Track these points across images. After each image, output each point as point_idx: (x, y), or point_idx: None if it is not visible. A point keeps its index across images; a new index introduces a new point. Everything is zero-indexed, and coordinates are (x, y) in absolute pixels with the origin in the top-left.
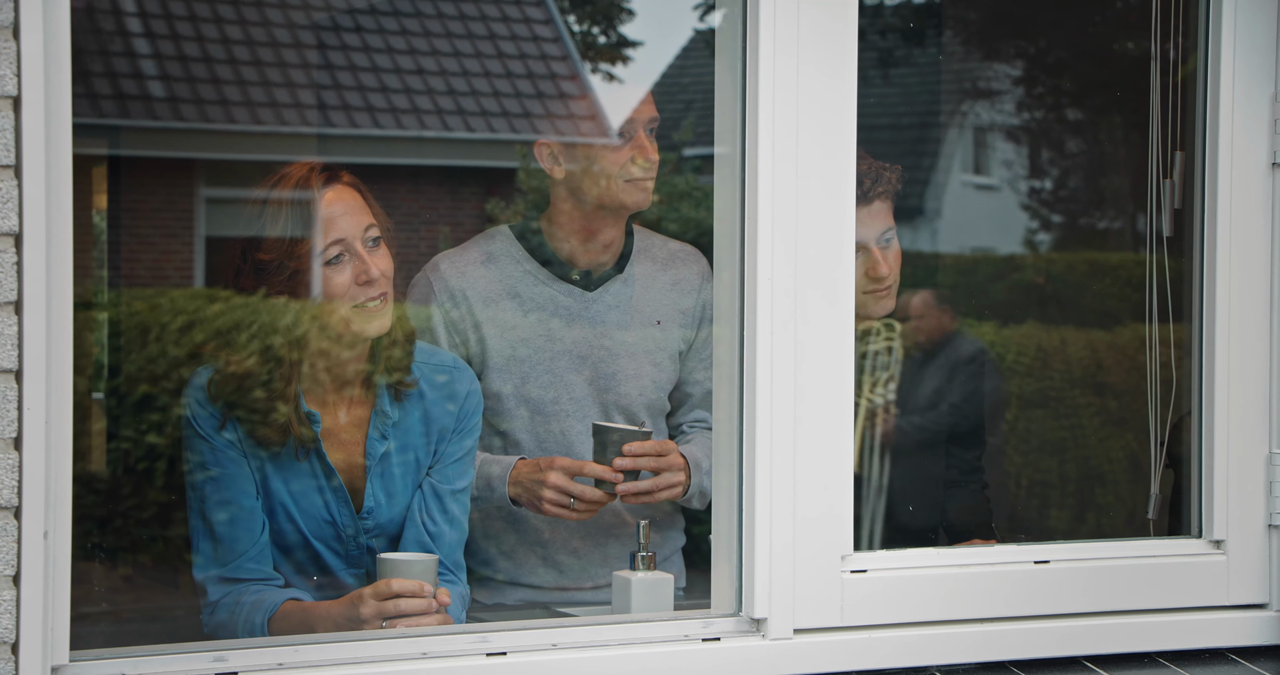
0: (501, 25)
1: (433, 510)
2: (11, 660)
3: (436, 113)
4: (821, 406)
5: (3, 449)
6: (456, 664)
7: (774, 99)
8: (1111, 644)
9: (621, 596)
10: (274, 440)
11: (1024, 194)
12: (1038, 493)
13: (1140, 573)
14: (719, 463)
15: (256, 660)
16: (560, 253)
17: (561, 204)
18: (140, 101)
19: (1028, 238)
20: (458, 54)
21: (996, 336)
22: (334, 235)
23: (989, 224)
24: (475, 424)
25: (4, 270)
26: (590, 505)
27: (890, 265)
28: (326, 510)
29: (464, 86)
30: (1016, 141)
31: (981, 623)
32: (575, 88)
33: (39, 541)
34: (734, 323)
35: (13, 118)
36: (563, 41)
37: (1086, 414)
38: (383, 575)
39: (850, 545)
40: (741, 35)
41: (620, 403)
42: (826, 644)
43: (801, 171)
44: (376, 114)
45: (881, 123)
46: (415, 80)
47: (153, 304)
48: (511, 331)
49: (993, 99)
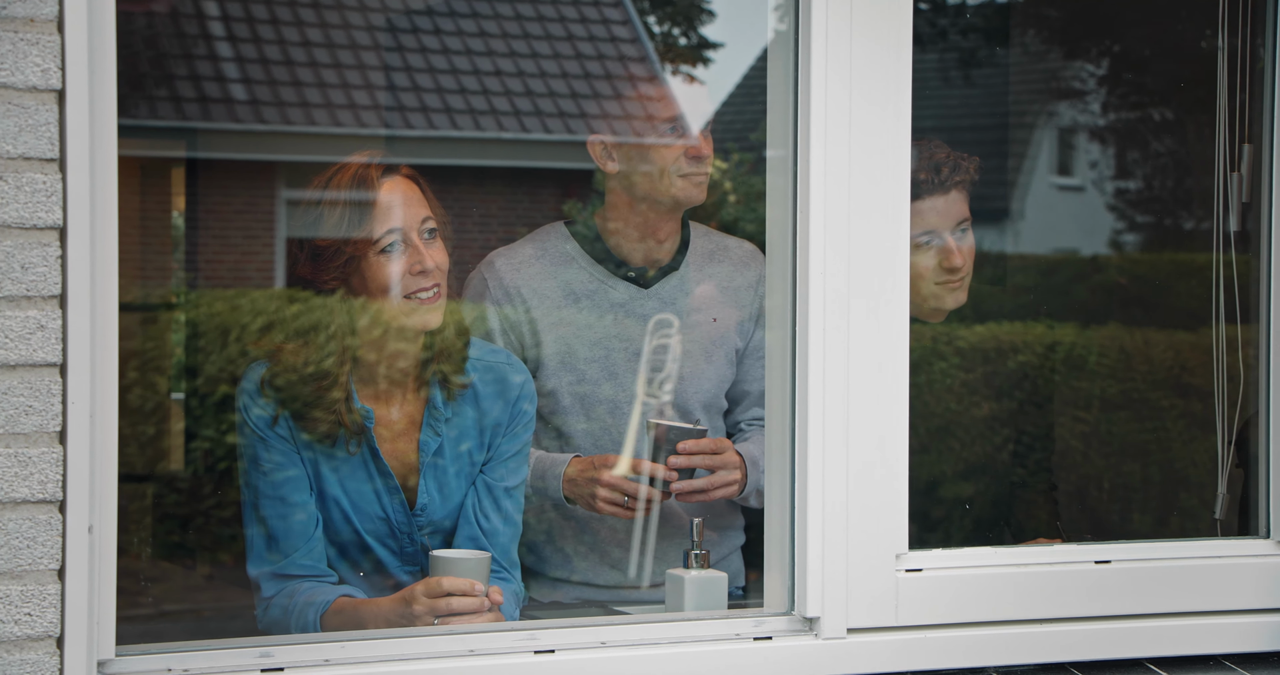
0: (579, 26)
1: (486, 507)
2: (57, 654)
3: (514, 114)
4: (874, 404)
5: (47, 443)
6: (504, 661)
7: (826, 98)
8: (1175, 646)
9: (675, 595)
10: (326, 435)
11: (1109, 194)
12: (1120, 496)
13: (1205, 573)
14: (771, 460)
15: (303, 656)
16: (616, 249)
17: (616, 200)
18: (223, 104)
19: (1112, 238)
20: (535, 55)
21: (1078, 338)
22: (390, 224)
23: (1073, 224)
24: (529, 420)
25: (48, 264)
26: (646, 505)
27: (965, 257)
28: (380, 507)
29: (541, 87)
30: (1101, 141)
31: (1041, 623)
32: (653, 89)
33: (83, 536)
34: (786, 320)
35: (56, 111)
36: (640, 42)
37: (1170, 416)
38: (435, 573)
39: (905, 544)
40: (794, 28)
41: (676, 400)
42: (880, 644)
43: (854, 167)
44: (454, 116)
45: (965, 124)
46: (493, 82)
47: (233, 305)
48: (566, 328)
49: (1077, 99)
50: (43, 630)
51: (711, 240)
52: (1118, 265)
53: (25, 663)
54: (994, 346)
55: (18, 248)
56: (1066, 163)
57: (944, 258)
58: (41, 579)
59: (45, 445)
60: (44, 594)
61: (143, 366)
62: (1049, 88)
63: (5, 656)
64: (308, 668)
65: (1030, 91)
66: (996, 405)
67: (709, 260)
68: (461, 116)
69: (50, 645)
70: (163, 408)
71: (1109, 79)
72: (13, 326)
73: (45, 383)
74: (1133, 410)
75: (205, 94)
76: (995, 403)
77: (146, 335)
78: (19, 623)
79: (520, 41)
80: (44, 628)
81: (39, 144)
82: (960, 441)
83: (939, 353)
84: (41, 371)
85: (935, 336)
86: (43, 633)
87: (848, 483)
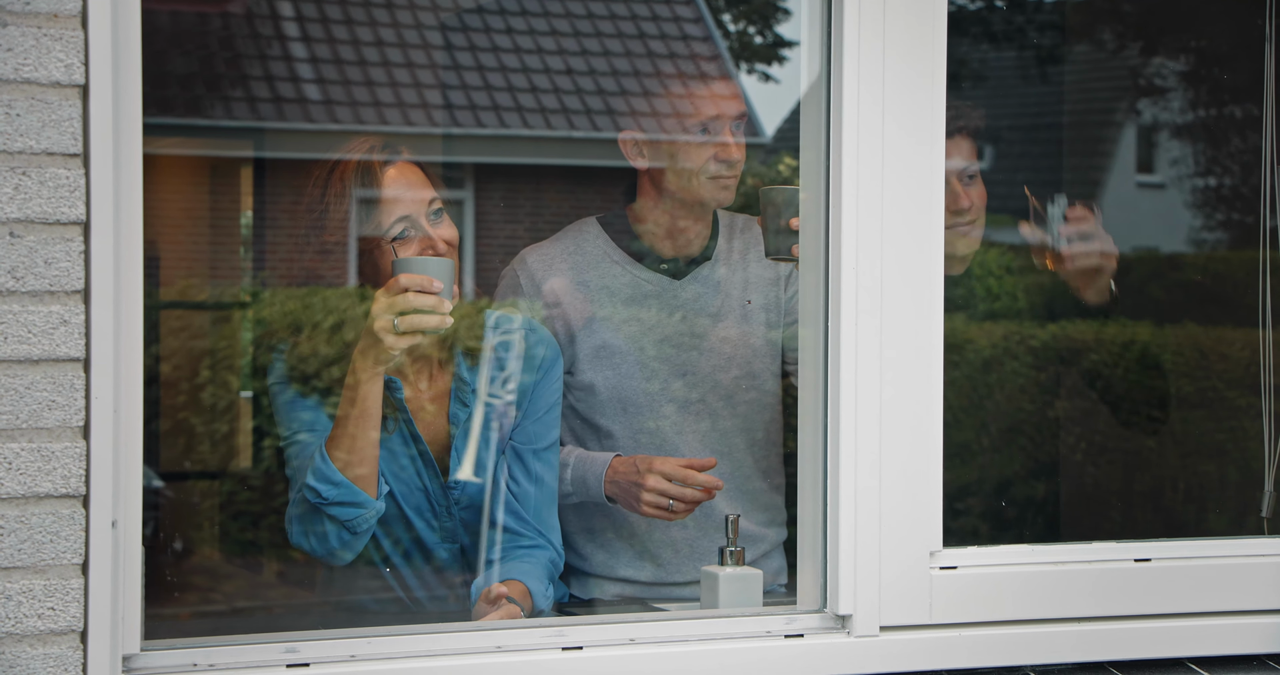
0: (651, 24)
1: (515, 471)
2: (80, 648)
3: (585, 113)
4: (908, 399)
5: (70, 438)
6: (532, 658)
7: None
8: (1217, 645)
9: (709, 592)
10: None
11: (1189, 192)
12: (1195, 496)
13: (1248, 572)
14: (804, 454)
15: (329, 651)
16: (647, 242)
17: (645, 197)
18: (297, 104)
19: (1191, 236)
20: (607, 53)
21: (1153, 336)
22: (398, 213)
23: (1154, 222)
24: (555, 380)
25: (71, 259)
26: (689, 506)
27: (973, 201)
28: (418, 477)
29: (613, 86)
30: (1183, 138)
31: (1079, 622)
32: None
33: (107, 530)
34: (819, 313)
35: (80, 107)
36: (713, 41)
37: (1248, 416)
38: (397, 272)
39: (939, 541)
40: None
41: (716, 389)
42: (914, 642)
43: (888, 154)
44: (526, 114)
45: (1046, 122)
46: (564, 80)
47: (306, 303)
48: (600, 323)
49: (1159, 95)
50: (66, 624)
51: (737, 222)
52: (1196, 263)
53: (49, 657)
54: (1066, 346)
55: (41, 243)
56: (1149, 160)
57: (951, 201)
58: (64, 573)
59: (68, 440)
60: (67, 588)
61: (215, 365)
62: (1132, 84)
63: (29, 651)
64: (333, 663)
65: (1112, 88)
66: (1069, 404)
67: (737, 243)
68: (533, 116)
69: (74, 639)
70: (234, 406)
71: (1191, 75)
72: (35, 321)
73: (68, 377)
74: (1209, 409)
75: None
76: (1067, 402)
77: (219, 334)
78: (42, 617)
79: (592, 39)
80: (67, 622)
81: (62, 139)
82: (1032, 441)
83: (1011, 352)
84: (64, 366)
85: (1007, 335)
86: (66, 627)
87: (881, 479)
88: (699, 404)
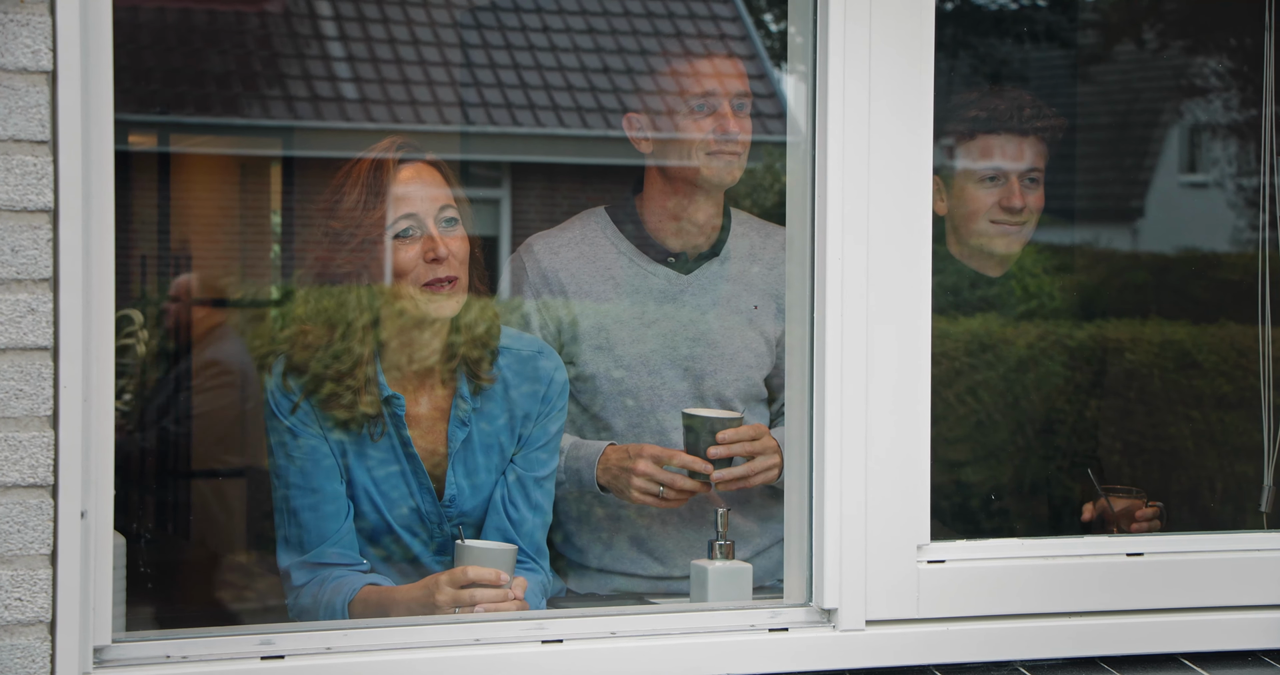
0: (688, 23)
1: (515, 497)
2: (48, 639)
3: (621, 111)
4: (894, 390)
5: (38, 427)
6: (510, 651)
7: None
8: (1211, 640)
9: (699, 586)
10: (350, 419)
11: (1232, 191)
12: (1232, 497)
13: (1243, 567)
14: (790, 448)
15: (304, 643)
16: (654, 234)
17: (651, 181)
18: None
19: (1234, 235)
20: (644, 52)
21: (1190, 336)
22: (405, 209)
23: (1199, 222)
24: (560, 409)
25: (39, 247)
26: (681, 494)
27: (1027, 203)
28: (411, 497)
29: (649, 85)
30: (1229, 137)
31: (1069, 617)
32: (762, 86)
33: (75, 521)
34: (804, 309)
35: (48, 93)
36: (750, 40)
37: None
38: (460, 562)
39: (927, 534)
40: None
41: (715, 388)
42: (901, 636)
43: (874, 152)
44: (561, 113)
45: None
46: (600, 79)
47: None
48: (604, 313)
49: (1204, 95)
50: (33, 615)
51: (753, 227)
52: (1236, 263)
53: (16, 648)
54: (1103, 345)
55: (8, 230)
56: (1194, 159)
57: (1004, 196)
58: (32, 564)
59: (36, 429)
60: (34, 579)
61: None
62: (1178, 84)
63: None
64: (309, 655)
65: (1158, 88)
66: (1104, 404)
67: (750, 247)
68: (568, 113)
69: (42, 630)
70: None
71: (1236, 73)
72: (2, 309)
73: (36, 366)
74: (1247, 409)
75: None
76: (1103, 401)
77: (253, 333)
78: (9, 608)
79: (629, 37)
80: (34, 613)
81: (29, 126)
82: (1066, 440)
83: (1046, 352)
84: (32, 355)
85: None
86: (33, 618)
87: (866, 472)
88: (699, 399)
